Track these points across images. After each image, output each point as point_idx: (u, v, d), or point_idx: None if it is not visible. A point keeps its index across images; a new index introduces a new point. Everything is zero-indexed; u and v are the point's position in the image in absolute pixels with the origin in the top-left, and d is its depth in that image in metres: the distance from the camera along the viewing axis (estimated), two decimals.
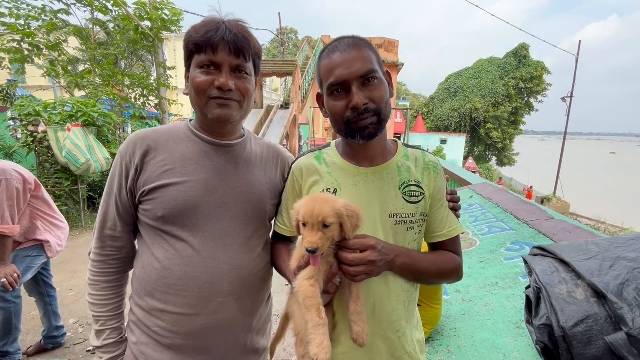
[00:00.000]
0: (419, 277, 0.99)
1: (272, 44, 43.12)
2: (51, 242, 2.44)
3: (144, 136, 1.00)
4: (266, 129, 11.48)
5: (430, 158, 1.05)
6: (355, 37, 0.95)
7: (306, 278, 0.83)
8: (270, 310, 1.22)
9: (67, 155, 5.37)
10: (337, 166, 1.01)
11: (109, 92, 7.23)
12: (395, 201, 0.96)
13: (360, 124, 0.91)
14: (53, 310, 2.66)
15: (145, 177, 0.97)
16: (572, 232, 2.43)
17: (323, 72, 0.95)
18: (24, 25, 6.81)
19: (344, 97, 0.91)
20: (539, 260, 1.57)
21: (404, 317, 0.99)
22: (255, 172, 1.09)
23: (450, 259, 1.02)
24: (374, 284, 0.94)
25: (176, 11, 8.04)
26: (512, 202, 3.32)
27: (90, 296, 1.02)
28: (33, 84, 13.44)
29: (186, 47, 0.96)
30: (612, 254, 1.37)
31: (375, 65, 0.92)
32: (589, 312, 1.23)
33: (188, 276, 0.95)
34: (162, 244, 0.98)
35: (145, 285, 0.99)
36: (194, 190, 0.97)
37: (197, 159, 1.00)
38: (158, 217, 0.96)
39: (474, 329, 1.82)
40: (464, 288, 2.21)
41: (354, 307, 0.86)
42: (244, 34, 0.96)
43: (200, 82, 0.94)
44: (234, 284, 1.00)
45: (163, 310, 0.96)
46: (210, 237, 0.98)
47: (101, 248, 1.02)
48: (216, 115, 0.96)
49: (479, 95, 28.28)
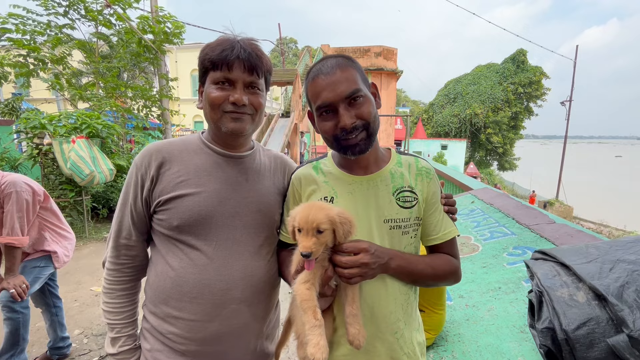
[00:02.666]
0: (416, 279, 1.02)
1: (273, 54, 43.66)
2: (59, 253, 2.47)
3: (159, 148, 1.04)
4: (267, 137, 11.56)
5: (423, 164, 1.09)
6: (338, 56, 1.00)
7: (303, 282, 0.87)
8: (278, 316, 1.26)
9: (71, 167, 5.43)
10: (333, 175, 1.06)
11: (112, 104, 7.33)
12: (389, 207, 1.00)
13: (349, 142, 0.96)
14: (59, 321, 2.67)
15: (161, 188, 1.00)
16: (574, 236, 2.44)
17: (311, 95, 1.00)
18: (30, 41, 6.95)
19: (332, 118, 0.96)
20: (541, 265, 1.59)
21: (402, 320, 1.01)
22: (265, 182, 1.13)
23: (446, 262, 1.05)
24: (372, 287, 0.97)
25: (178, 24, 8.19)
26: (513, 207, 3.34)
27: (106, 304, 1.05)
28: (38, 97, 13.65)
29: (202, 64, 1.01)
30: (612, 257, 1.39)
31: (359, 84, 0.96)
32: (590, 315, 1.24)
33: (203, 284, 0.99)
34: (176, 252, 1.01)
35: (159, 294, 1.02)
36: (208, 200, 1.01)
37: (211, 171, 1.05)
38: (174, 227, 0.99)
39: (478, 334, 1.83)
40: (467, 293, 2.22)
41: (350, 309, 0.89)
42: (257, 53, 1.01)
43: (216, 97, 0.98)
44: (246, 291, 1.03)
45: (178, 318, 0.99)
46: (224, 245, 1.02)
47: (116, 257, 1.05)
48: (230, 129, 1.01)
49: (478, 101, 28.42)
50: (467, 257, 2.68)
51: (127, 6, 7.39)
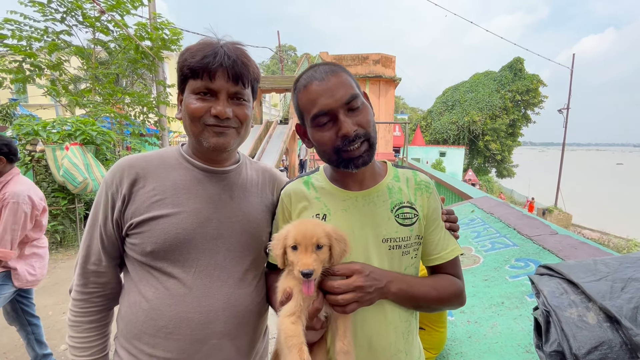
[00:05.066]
0: (419, 304, 0.93)
1: (272, 61, 43.93)
2: (19, 270, 2.30)
3: (132, 163, 0.93)
4: (265, 144, 11.50)
5: (422, 177, 1.00)
6: (329, 63, 0.93)
7: (287, 315, 0.77)
8: (267, 344, 1.15)
9: (64, 174, 5.34)
10: (325, 191, 0.97)
11: (109, 111, 7.27)
12: (388, 225, 0.91)
13: (353, 154, 0.87)
14: (37, 339, 2.55)
15: (134, 209, 0.90)
16: (577, 248, 2.36)
17: (304, 104, 0.90)
18: (27, 46, 6.91)
19: (331, 127, 0.87)
20: (547, 281, 1.51)
21: (403, 350, 0.92)
22: (252, 199, 1.03)
23: (451, 283, 0.96)
24: (370, 315, 0.88)
25: (176, 31, 8.18)
26: (514, 217, 3.26)
27: (72, 339, 0.93)
28: (34, 102, 13.60)
29: (180, 71, 0.91)
30: (623, 275, 1.31)
31: (356, 90, 0.89)
32: (602, 339, 1.16)
33: (180, 317, 0.88)
34: (151, 281, 0.90)
35: (131, 328, 0.91)
36: (186, 222, 0.90)
37: (190, 188, 0.94)
38: (147, 253, 0.89)
39: (482, 353, 1.74)
40: (469, 309, 2.13)
41: (340, 345, 0.79)
42: (243, 60, 0.90)
43: (196, 109, 0.88)
44: (229, 323, 0.92)
45: (152, 355, 0.88)
46: (204, 272, 0.91)
47: (84, 285, 0.94)
48: (213, 144, 0.90)
49: (476, 108, 28.57)
50: (469, 270, 2.60)
51: (125, 12, 7.38)
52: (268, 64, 45.59)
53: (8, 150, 2.27)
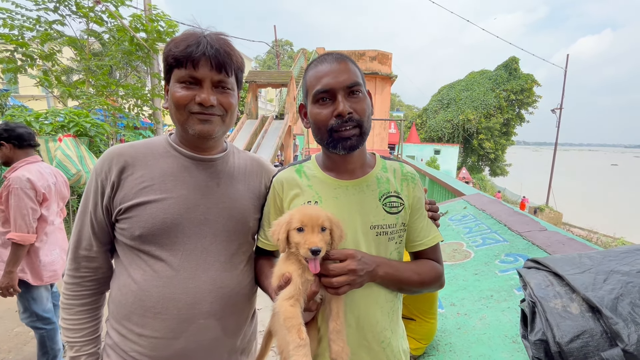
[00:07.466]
0: (402, 286, 1.00)
1: (268, 56, 43.59)
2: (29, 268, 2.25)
3: (121, 152, 0.97)
4: (261, 139, 11.47)
5: (408, 169, 1.08)
6: (341, 54, 0.99)
7: (286, 298, 0.82)
8: (255, 328, 1.19)
9: (57, 166, 5.28)
10: (317, 179, 1.02)
11: (102, 103, 7.19)
12: (376, 213, 0.98)
13: (343, 134, 0.93)
14: None
15: (123, 195, 0.93)
16: (565, 244, 2.42)
17: (310, 81, 0.97)
18: (18, 36, 6.78)
19: (329, 106, 0.94)
20: (534, 274, 1.56)
21: (388, 328, 0.99)
22: (238, 186, 1.06)
23: (431, 268, 1.04)
24: (358, 296, 0.94)
25: (172, 23, 8.08)
26: (505, 214, 3.33)
27: (64, 321, 0.97)
28: (26, 93, 13.36)
29: (165, 61, 0.95)
30: (606, 268, 1.37)
31: (360, 80, 0.96)
32: (584, 328, 1.21)
33: (167, 298, 0.92)
34: (139, 264, 0.94)
35: (121, 309, 0.95)
36: (174, 207, 0.94)
37: (177, 175, 0.98)
38: (136, 237, 0.93)
39: (470, 343, 1.79)
40: (459, 301, 2.19)
41: (334, 325, 0.86)
42: (226, 49, 0.94)
43: (181, 97, 0.92)
44: (216, 304, 0.96)
45: (141, 335, 0.92)
46: (191, 256, 0.95)
47: (76, 270, 0.97)
48: (198, 131, 0.94)
49: (471, 106, 28.76)
50: (460, 264, 2.66)
51: (120, 3, 7.27)
52: (264, 58, 45.23)
53: (8, 135, 2.24)
